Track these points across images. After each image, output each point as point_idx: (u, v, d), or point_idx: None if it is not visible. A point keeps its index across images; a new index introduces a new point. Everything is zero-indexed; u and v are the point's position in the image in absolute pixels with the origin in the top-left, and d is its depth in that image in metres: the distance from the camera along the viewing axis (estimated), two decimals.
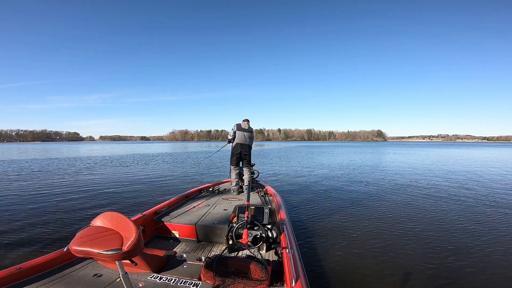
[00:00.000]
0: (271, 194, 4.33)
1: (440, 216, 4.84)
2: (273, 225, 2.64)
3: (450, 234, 3.96)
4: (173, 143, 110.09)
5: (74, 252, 1.34)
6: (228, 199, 4.12)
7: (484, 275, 2.79)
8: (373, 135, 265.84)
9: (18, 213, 5.02)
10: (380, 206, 5.58)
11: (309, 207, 5.55)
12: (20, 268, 1.78)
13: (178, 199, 3.91)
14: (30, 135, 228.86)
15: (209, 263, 1.96)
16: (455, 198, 6.39)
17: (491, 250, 3.40)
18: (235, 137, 4.72)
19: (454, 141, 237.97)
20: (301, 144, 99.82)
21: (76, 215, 4.90)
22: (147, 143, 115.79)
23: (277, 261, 2.27)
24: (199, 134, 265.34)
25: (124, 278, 1.40)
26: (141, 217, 2.89)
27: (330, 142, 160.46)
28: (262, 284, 1.77)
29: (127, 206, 5.64)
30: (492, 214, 5.03)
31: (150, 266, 1.93)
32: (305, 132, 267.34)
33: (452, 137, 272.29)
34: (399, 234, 3.93)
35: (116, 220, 1.50)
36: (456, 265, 3.00)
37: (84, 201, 6.10)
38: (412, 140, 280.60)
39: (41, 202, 5.92)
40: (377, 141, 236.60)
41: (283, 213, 3.17)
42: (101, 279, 1.84)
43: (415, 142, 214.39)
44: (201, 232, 2.90)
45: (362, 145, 72.22)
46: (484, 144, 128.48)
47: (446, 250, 3.39)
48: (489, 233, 4.00)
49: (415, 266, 2.96)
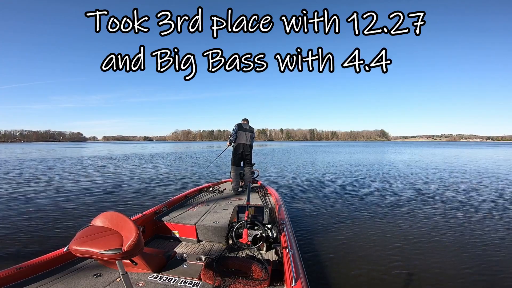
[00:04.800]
0: (271, 194, 4.33)
1: (440, 216, 4.80)
2: (273, 225, 2.65)
3: (450, 233, 3.93)
4: (175, 144, 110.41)
5: (74, 252, 1.34)
6: (228, 199, 4.13)
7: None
8: (376, 135, 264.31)
9: (18, 213, 5.06)
10: (380, 206, 5.55)
11: (309, 207, 5.54)
12: (20, 268, 1.79)
13: (178, 199, 3.91)
14: (34, 135, 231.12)
15: (209, 263, 1.96)
16: (454, 198, 6.34)
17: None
18: (237, 137, 4.71)
19: (458, 141, 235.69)
20: (303, 144, 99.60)
21: (76, 215, 4.93)
22: (150, 143, 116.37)
23: (277, 261, 2.26)
24: (201, 134, 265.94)
25: (124, 278, 1.40)
26: (141, 217, 2.90)
27: (332, 142, 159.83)
28: (262, 283, 1.77)
29: (127, 206, 5.66)
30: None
31: (150, 266, 1.93)
32: (307, 132, 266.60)
33: (456, 137, 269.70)
34: (399, 234, 3.91)
35: (116, 220, 1.50)
36: (457, 265, 2.98)
37: (84, 200, 6.13)
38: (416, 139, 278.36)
39: (41, 202, 5.97)
40: (380, 140, 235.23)
41: (283, 213, 3.17)
42: (101, 279, 1.85)
43: (418, 142, 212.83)
44: (201, 232, 2.91)
45: (365, 145, 71.83)
46: (489, 143, 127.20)
47: (446, 249, 3.37)
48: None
49: (415, 266, 2.95)
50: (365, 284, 2.63)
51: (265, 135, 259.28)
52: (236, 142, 4.73)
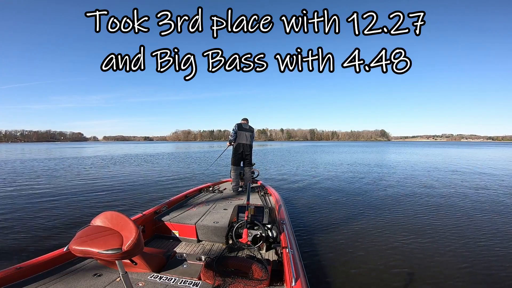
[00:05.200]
0: (271, 194, 4.33)
1: (441, 215, 4.79)
2: (273, 224, 2.65)
3: (450, 233, 3.93)
4: (175, 144, 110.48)
5: (74, 252, 1.34)
6: (228, 199, 4.13)
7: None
8: (377, 135, 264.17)
9: (18, 213, 5.07)
10: (380, 206, 5.54)
11: (309, 206, 5.54)
12: (20, 268, 1.79)
13: (178, 198, 3.92)
14: (34, 135, 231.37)
15: (209, 262, 1.96)
16: (454, 198, 6.34)
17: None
18: (237, 137, 4.71)
19: (459, 141, 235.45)
20: (303, 144, 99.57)
21: (76, 215, 4.94)
22: (151, 143, 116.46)
23: (277, 260, 2.27)
24: (201, 134, 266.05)
25: (124, 278, 1.40)
26: (141, 216, 2.90)
27: (333, 142, 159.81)
28: (262, 283, 1.77)
29: (127, 206, 5.67)
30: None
31: (150, 266, 1.93)
32: (308, 132, 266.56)
33: (457, 137, 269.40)
34: (399, 234, 3.90)
35: (116, 219, 1.50)
36: (456, 265, 2.98)
37: (84, 200, 6.14)
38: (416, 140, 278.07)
39: (41, 202, 5.98)
40: (381, 141, 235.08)
41: (283, 212, 3.17)
42: (101, 278, 1.85)
43: (419, 142, 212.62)
44: (201, 232, 2.91)
45: (365, 145, 71.81)
46: (490, 143, 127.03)
47: (446, 249, 3.36)
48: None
49: (415, 265, 2.94)
50: (365, 284, 2.63)
51: (266, 135, 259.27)
52: (236, 142, 4.73)
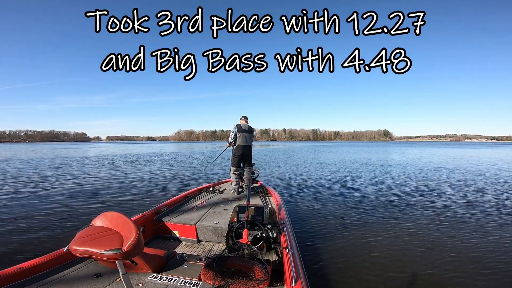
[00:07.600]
0: (271, 194, 4.33)
1: (443, 216, 4.76)
2: (273, 225, 2.64)
3: (450, 233, 3.89)
4: (178, 144, 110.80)
5: (74, 252, 1.35)
6: (228, 199, 4.13)
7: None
8: (380, 135, 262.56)
9: (19, 213, 5.09)
10: (381, 206, 5.51)
11: (309, 207, 5.53)
12: (20, 268, 1.79)
13: (178, 199, 3.92)
14: (38, 135, 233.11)
15: (209, 263, 1.96)
16: (457, 198, 6.28)
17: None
18: (236, 139, 4.71)
19: (463, 141, 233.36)
20: (306, 144, 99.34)
21: (76, 215, 4.95)
22: (154, 143, 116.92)
23: (277, 261, 2.26)
24: (204, 134, 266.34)
25: (124, 278, 1.41)
26: (141, 217, 2.91)
27: (335, 142, 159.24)
28: (262, 284, 1.76)
29: (127, 206, 5.68)
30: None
31: (150, 266, 1.94)
32: (310, 132, 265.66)
33: (461, 137, 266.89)
34: (400, 234, 3.88)
35: (116, 220, 1.51)
36: (458, 267, 2.95)
37: (84, 201, 6.16)
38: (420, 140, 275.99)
39: (41, 202, 6.00)
40: (384, 141, 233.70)
41: (283, 213, 3.17)
42: (101, 279, 1.86)
43: (422, 142, 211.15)
44: (201, 232, 2.91)
45: (368, 145, 71.47)
46: (494, 144, 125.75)
47: (447, 249, 3.34)
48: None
49: (415, 266, 2.92)
50: (365, 284, 2.61)
51: (268, 135, 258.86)
52: (236, 144, 4.73)
